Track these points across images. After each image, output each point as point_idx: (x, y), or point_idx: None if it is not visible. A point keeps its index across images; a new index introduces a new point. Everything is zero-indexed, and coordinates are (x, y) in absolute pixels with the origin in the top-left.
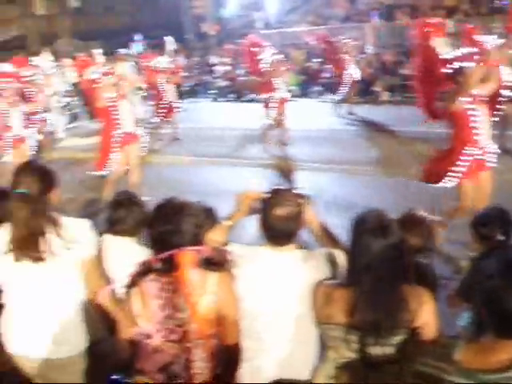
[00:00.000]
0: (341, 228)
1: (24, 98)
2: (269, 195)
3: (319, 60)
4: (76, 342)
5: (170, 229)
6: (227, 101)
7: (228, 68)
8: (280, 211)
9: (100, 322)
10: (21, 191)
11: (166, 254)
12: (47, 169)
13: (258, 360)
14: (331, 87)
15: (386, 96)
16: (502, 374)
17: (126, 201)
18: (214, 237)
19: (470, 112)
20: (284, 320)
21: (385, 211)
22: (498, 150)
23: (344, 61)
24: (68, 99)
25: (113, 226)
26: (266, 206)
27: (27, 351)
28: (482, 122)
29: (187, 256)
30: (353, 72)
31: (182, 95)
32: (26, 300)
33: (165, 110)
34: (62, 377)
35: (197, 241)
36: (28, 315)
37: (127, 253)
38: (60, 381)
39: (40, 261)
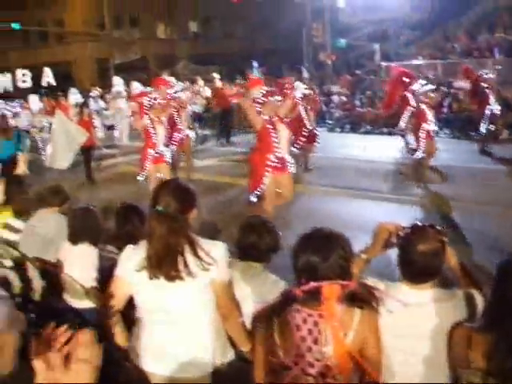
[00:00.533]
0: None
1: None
2: (410, 230)
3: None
4: (204, 363)
5: (318, 259)
6: (342, 131)
7: (344, 98)
8: (423, 247)
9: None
10: (159, 209)
11: (311, 286)
12: (187, 188)
13: None
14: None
15: (505, 134)
16: None
17: (258, 226)
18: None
19: None
20: (417, 359)
21: None
22: None
23: (487, 95)
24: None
25: (243, 251)
26: (407, 242)
27: (156, 367)
28: None
29: (334, 289)
30: (494, 107)
31: None
32: (158, 317)
33: (305, 139)
34: None
35: (344, 274)
36: (159, 332)
37: (254, 279)
38: None
39: (175, 279)
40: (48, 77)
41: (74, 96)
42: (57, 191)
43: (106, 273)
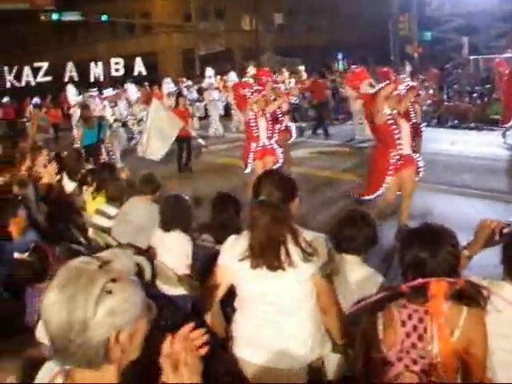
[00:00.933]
0: None
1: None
2: None
3: None
4: (300, 355)
5: (426, 255)
6: (428, 125)
7: (431, 92)
8: None
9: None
10: (262, 199)
11: (419, 282)
12: (289, 178)
13: None
14: None
15: None
16: None
17: (358, 219)
18: None
19: None
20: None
21: None
22: None
23: None
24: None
25: (341, 244)
26: (511, 240)
27: (252, 356)
28: None
29: (441, 286)
30: None
31: None
32: (258, 306)
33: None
34: None
35: (452, 271)
36: (258, 321)
37: (352, 272)
38: None
39: (278, 269)
40: (140, 66)
41: (168, 85)
42: (149, 180)
43: (200, 261)
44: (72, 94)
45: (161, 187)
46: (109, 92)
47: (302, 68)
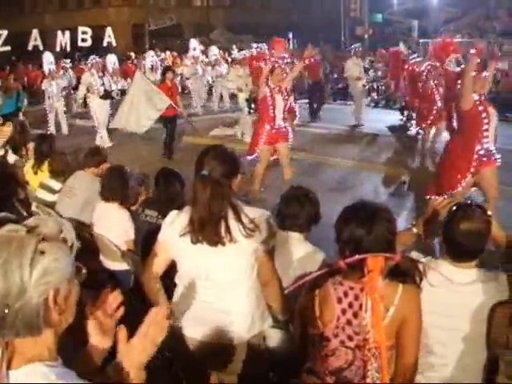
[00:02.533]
0: None
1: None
2: (456, 208)
3: None
4: (240, 330)
5: (362, 232)
6: (375, 107)
7: (380, 74)
8: (467, 226)
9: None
10: (204, 173)
11: (356, 258)
12: (232, 154)
13: (426, 375)
14: None
15: None
16: None
17: (301, 197)
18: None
19: None
20: (456, 337)
21: None
22: None
23: None
24: None
25: (284, 221)
26: (452, 219)
27: (194, 332)
28: None
29: (378, 262)
30: None
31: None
32: (199, 282)
33: (432, 117)
34: (221, 362)
35: (388, 247)
36: (199, 297)
37: (294, 249)
38: (220, 366)
39: (217, 244)
40: (109, 37)
41: (150, 59)
42: (95, 152)
43: (144, 236)
44: (48, 62)
45: (106, 160)
46: (95, 60)
47: (254, 45)
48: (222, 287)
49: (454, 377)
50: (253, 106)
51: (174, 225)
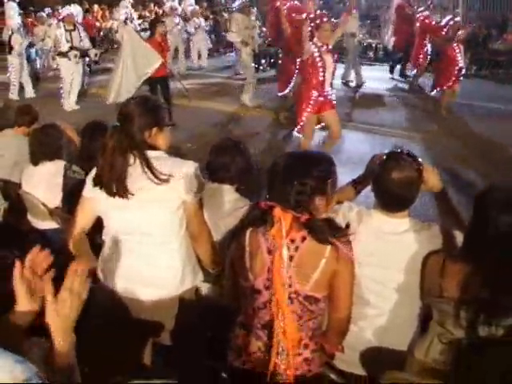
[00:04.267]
0: None
1: None
2: (385, 158)
3: None
4: (171, 285)
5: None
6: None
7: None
8: (397, 175)
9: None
10: (114, 125)
11: (265, 205)
12: (155, 104)
13: (359, 325)
14: None
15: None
16: None
17: (230, 147)
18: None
19: None
20: (390, 288)
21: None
22: None
23: None
24: None
25: (214, 173)
26: (382, 169)
27: (125, 290)
28: None
29: (280, 213)
30: None
31: None
32: (125, 237)
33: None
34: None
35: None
36: (127, 254)
37: (226, 202)
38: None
39: (128, 195)
40: None
41: (124, 10)
42: (25, 111)
43: (68, 192)
44: (13, 13)
45: (37, 119)
46: (68, 11)
47: (126, 1)
48: (150, 242)
49: (388, 327)
50: (263, 61)
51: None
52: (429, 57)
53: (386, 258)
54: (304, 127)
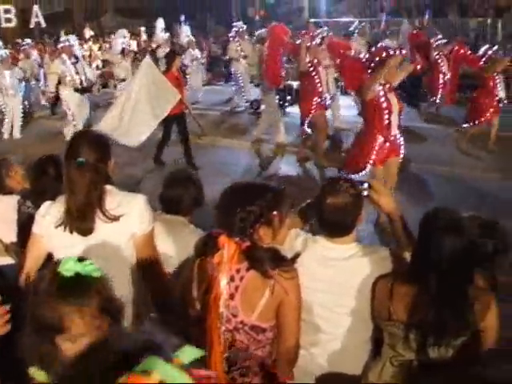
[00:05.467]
0: None
1: None
2: (324, 184)
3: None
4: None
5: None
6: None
7: None
8: (331, 200)
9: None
10: (80, 160)
11: (213, 232)
12: (105, 138)
13: (311, 352)
14: None
15: None
16: None
17: (183, 179)
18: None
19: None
20: (341, 313)
21: (457, 210)
22: None
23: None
24: None
25: (167, 205)
26: (320, 195)
27: None
28: None
29: (230, 242)
30: None
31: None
32: None
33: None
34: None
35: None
36: None
37: (178, 232)
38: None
39: (92, 232)
40: (37, 17)
41: (121, 40)
42: None
43: (25, 228)
44: None
45: None
46: (69, 42)
47: (142, 29)
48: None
49: (341, 351)
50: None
51: (49, 216)
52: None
53: (334, 284)
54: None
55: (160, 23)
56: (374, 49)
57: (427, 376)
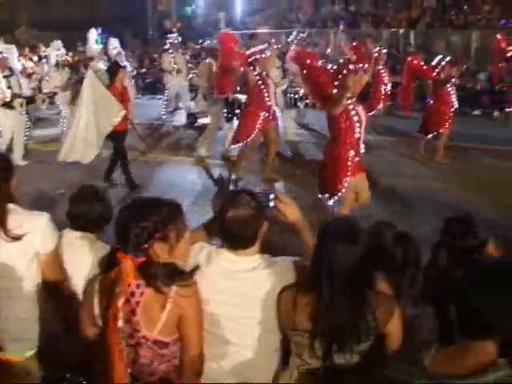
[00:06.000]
0: None
1: None
2: (225, 197)
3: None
4: (32, 339)
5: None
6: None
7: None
8: (231, 213)
9: (57, 317)
10: None
11: (115, 249)
12: (6, 156)
13: (220, 364)
14: None
15: None
16: (467, 379)
17: (88, 196)
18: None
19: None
20: (247, 324)
21: (353, 218)
22: None
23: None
24: None
25: (74, 221)
26: (220, 208)
27: None
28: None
29: (127, 261)
30: None
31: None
32: None
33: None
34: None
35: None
36: None
37: (87, 249)
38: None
39: None
40: None
41: (56, 52)
42: None
43: None
44: None
45: None
46: (1, 54)
47: (58, 42)
48: (3, 295)
49: (249, 363)
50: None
51: None
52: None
53: (239, 296)
54: (344, 194)
55: (93, 34)
56: None
57: (334, 382)
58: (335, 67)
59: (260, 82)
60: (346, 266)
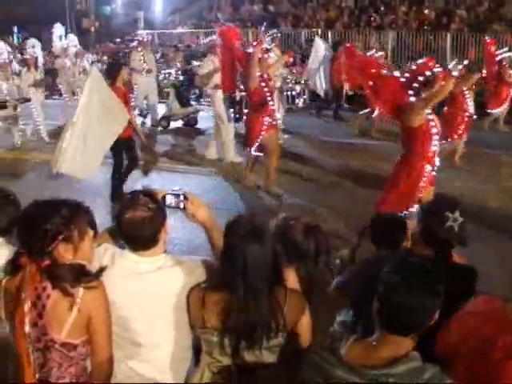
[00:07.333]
0: None
1: None
2: (124, 199)
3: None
4: None
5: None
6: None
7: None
8: (128, 215)
9: None
10: None
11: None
12: None
13: (133, 363)
14: None
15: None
16: (381, 370)
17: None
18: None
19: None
20: (155, 325)
21: (258, 215)
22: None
23: None
24: None
25: None
26: (119, 209)
27: None
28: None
29: (31, 264)
30: None
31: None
32: None
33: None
34: None
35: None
36: None
37: None
38: None
39: None
40: None
41: (33, 50)
42: None
43: None
44: None
45: None
46: None
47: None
48: None
49: (161, 361)
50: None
51: None
52: None
53: (145, 297)
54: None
55: (58, 29)
56: None
57: (245, 380)
58: (406, 75)
59: (263, 85)
60: (257, 265)
